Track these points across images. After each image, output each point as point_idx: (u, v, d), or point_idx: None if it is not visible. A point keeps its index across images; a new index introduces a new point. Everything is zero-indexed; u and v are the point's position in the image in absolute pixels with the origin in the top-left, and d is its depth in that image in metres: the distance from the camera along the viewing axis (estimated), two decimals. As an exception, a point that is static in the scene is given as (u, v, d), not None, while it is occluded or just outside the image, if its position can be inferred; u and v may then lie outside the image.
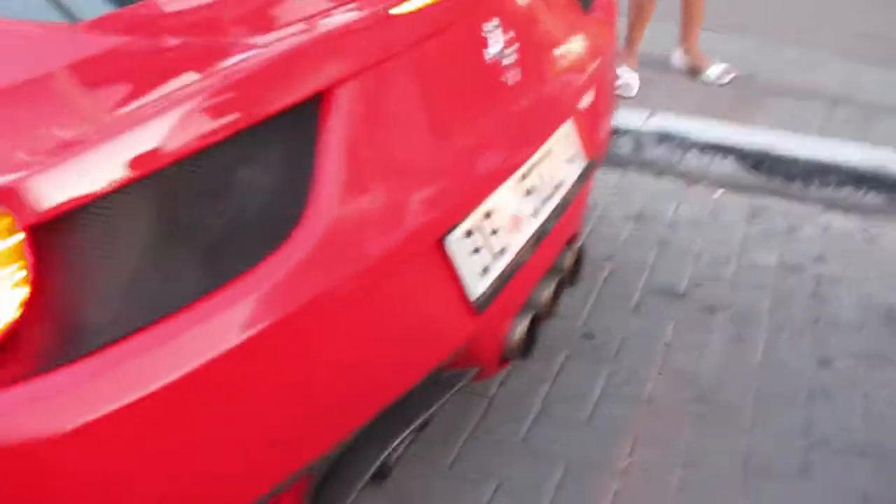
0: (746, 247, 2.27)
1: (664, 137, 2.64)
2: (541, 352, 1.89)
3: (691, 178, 2.61)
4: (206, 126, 0.85)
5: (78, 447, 0.77)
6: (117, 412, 0.78)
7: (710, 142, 2.58)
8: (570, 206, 1.53)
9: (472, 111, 1.26)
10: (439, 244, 1.16)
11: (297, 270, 0.93)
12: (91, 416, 0.76)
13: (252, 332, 0.87)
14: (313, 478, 1.13)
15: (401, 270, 1.09)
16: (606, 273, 2.17)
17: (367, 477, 1.18)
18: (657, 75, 3.17)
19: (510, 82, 1.33)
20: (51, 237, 0.76)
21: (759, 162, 2.53)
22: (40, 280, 0.76)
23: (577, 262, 1.62)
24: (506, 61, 1.32)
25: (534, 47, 1.41)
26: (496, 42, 1.30)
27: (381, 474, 1.27)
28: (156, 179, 0.81)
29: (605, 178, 2.66)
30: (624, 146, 2.70)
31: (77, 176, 0.75)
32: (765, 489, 1.52)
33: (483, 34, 1.27)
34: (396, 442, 1.22)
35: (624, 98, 2.91)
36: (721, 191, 2.54)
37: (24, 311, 0.76)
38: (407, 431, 1.24)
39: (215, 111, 0.86)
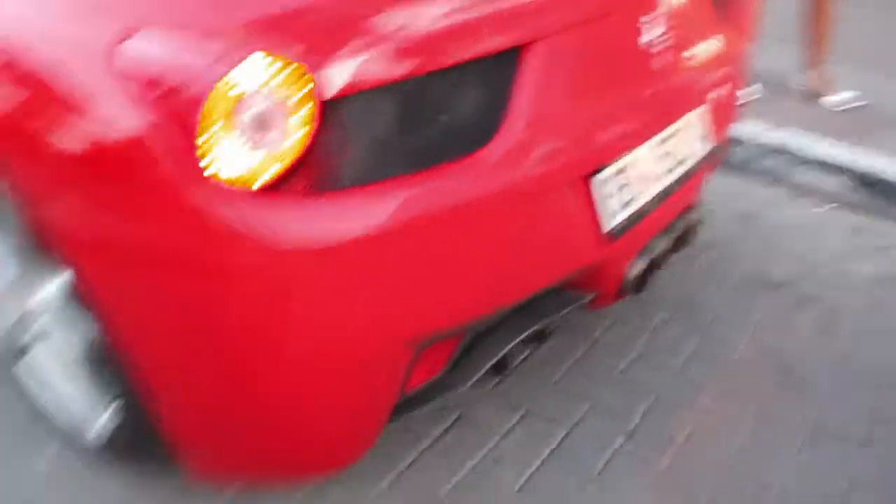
0: (844, 256, 2.45)
1: (780, 150, 2.83)
2: (643, 309, 2.15)
3: (801, 191, 2.80)
4: (452, 53, 1.17)
5: (342, 252, 1.10)
6: (369, 233, 1.10)
7: (822, 159, 2.76)
8: (692, 179, 1.78)
9: (625, 82, 1.52)
10: (586, 180, 1.44)
11: (489, 167, 1.23)
12: (350, 233, 1.09)
13: (456, 200, 1.18)
14: (460, 342, 1.42)
15: (556, 189, 1.38)
16: (710, 258, 2.40)
17: (494, 359, 1.47)
18: (780, 94, 3.36)
19: (656, 66, 1.59)
20: (338, 104, 1.08)
21: (868, 183, 2.69)
22: (321, 128, 1.08)
23: (691, 228, 1.86)
24: (654, 49, 1.58)
25: (677, 43, 1.67)
26: (649, 32, 1.57)
27: (503, 365, 1.56)
28: (413, 81, 1.13)
29: (720, 181, 2.88)
30: (742, 154, 2.91)
31: (369, 67, 1.08)
32: (826, 450, 1.73)
33: (640, 25, 1.54)
34: (522, 336, 1.50)
35: (746, 110, 3.13)
36: (829, 206, 2.72)
37: (308, 147, 1.08)
38: (532, 329, 1.52)
39: (462, 44, 1.19)
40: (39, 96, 1.16)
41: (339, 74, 1.07)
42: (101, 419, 1.51)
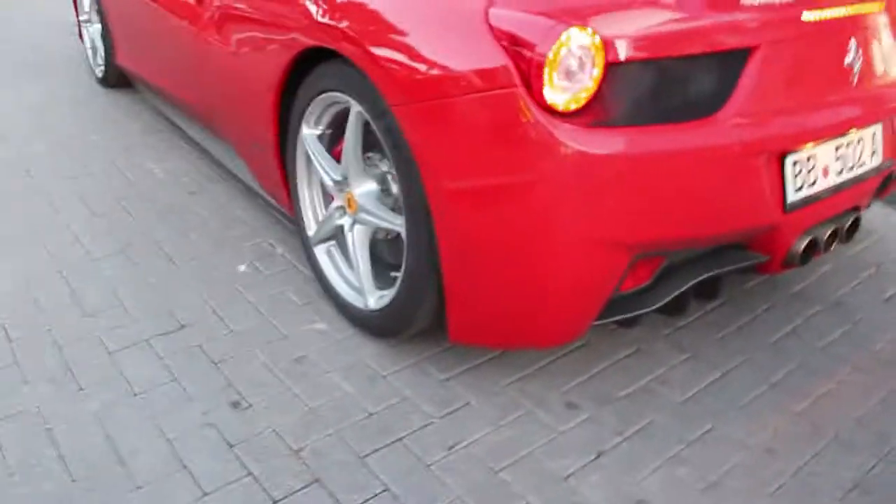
0: None
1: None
2: (803, 300, 2.56)
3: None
4: (701, 45, 1.77)
5: (606, 166, 1.70)
6: (636, 157, 1.71)
7: None
8: (861, 184, 2.18)
9: (822, 87, 2.01)
10: (780, 158, 1.93)
11: (719, 126, 1.80)
12: (620, 152, 1.70)
13: (692, 146, 1.76)
14: (661, 264, 1.96)
15: (757, 157, 1.87)
16: (872, 271, 2.77)
17: (684, 287, 1.98)
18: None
19: (849, 83, 2.06)
20: (620, 66, 1.70)
21: None
22: (605, 82, 1.69)
23: (855, 225, 2.26)
24: (854, 68, 2.06)
25: (870, 64, 2.12)
26: (851, 53, 2.05)
27: (681, 306, 2.08)
28: (672, 60, 1.75)
29: (890, 215, 3.21)
30: (917, 194, 3.22)
31: (650, 45, 1.70)
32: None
33: (846, 46, 2.04)
34: (708, 275, 2.01)
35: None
36: None
37: (599, 89, 1.69)
38: (716, 271, 2.02)
39: (708, 41, 1.78)
40: (421, 42, 1.83)
41: (622, 48, 1.69)
42: (381, 292, 2.17)
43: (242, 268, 2.62)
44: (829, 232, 2.13)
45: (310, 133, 2.34)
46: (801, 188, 1.99)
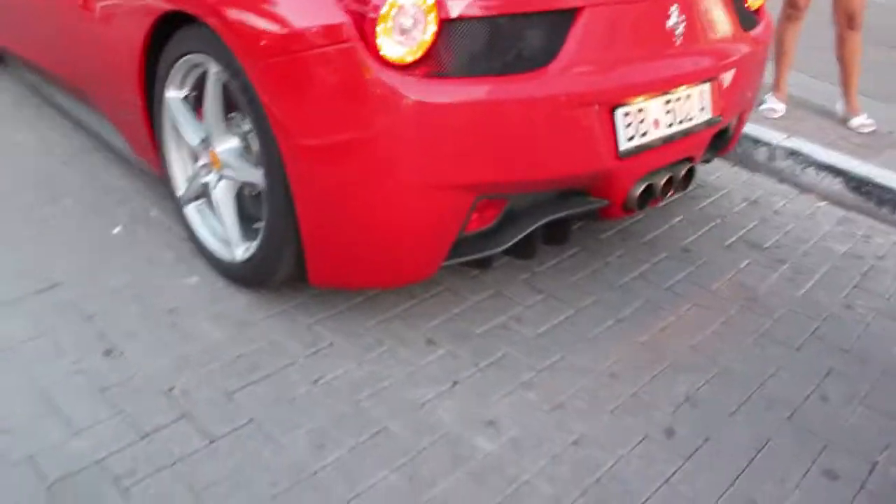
0: (825, 237, 3.03)
1: (792, 154, 3.42)
2: (650, 250, 2.78)
3: (804, 189, 3.38)
4: (531, 4, 1.94)
5: (444, 114, 1.85)
6: (470, 104, 1.87)
7: (827, 164, 3.34)
8: (692, 136, 2.39)
9: (648, 48, 2.20)
10: (611, 110, 2.12)
11: (549, 79, 1.97)
12: (455, 100, 1.85)
13: (524, 96, 1.93)
14: (504, 207, 2.12)
15: (587, 107, 2.06)
16: (717, 222, 3.02)
17: (522, 233, 2.14)
18: (808, 115, 3.95)
19: (674, 44, 2.26)
20: (453, 23, 1.85)
21: (860, 186, 3.26)
22: (440, 37, 1.83)
23: (689, 175, 2.48)
24: (676, 30, 2.25)
25: (695, 29, 2.33)
26: (673, 17, 2.24)
27: (529, 250, 2.26)
28: (503, 18, 1.90)
29: (737, 174, 3.49)
30: (760, 154, 3.51)
31: (481, 4, 1.85)
32: (771, 350, 2.34)
33: (668, 11, 2.22)
34: (544, 221, 2.18)
35: (769, 118, 3.77)
36: (825, 202, 3.30)
37: (434, 43, 1.83)
38: (556, 216, 2.20)
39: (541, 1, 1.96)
40: (268, 3, 1.94)
41: (455, 6, 1.85)
42: (248, 244, 2.27)
43: (117, 230, 2.65)
44: (664, 179, 2.34)
45: (174, 96, 2.41)
46: (632, 137, 2.19)
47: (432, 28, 1.83)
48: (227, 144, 2.30)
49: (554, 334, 2.28)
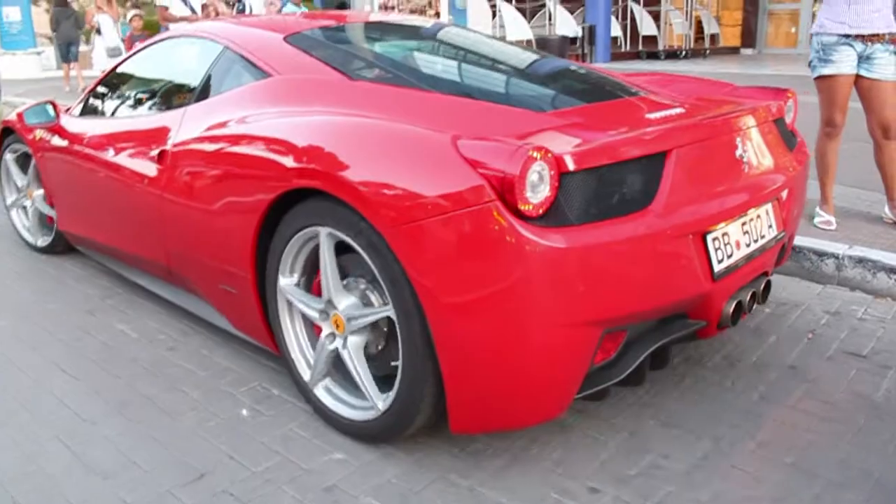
0: (917, 338, 3.12)
1: (860, 262, 3.56)
2: (755, 371, 2.84)
3: (879, 293, 3.50)
4: (628, 153, 2.18)
5: (571, 258, 2.03)
6: (595, 246, 2.06)
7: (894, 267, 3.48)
8: (766, 252, 2.61)
9: (723, 177, 2.46)
10: (703, 236, 2.32)
11: (653, 216, 2.19)
12: (582, 244, 2.04)
13: (636, 234, 2.13)
14: (623, 338, 2.27)
15: (685, 237, 2.26)
16: (809, 337, 3.10)
17: (637, 361, 2.27)
18: (859, 223, 4.13)
19: (743, 169, 2.52)
20: (573, 179, 2.07)
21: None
22: (561, 190, 2.05)
23: (767, 288, 2.67)
24: (743, 159, 2.52)
25: (755, 155, 2.60)
26: (739, 147, 2.52)
27: (637, 379, 2.37)
28: (607, 167, 2.14)
29: (809, 287, 3.61)
30: (827, 266, 3.64)
31: (591, 157, 2.10)
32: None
33: (735, 142, 2.52)
34: (661, 342, 2.34)
35: (826, 231, 3.94)
36: (902, 304, 3.40)
37: (556, 195, 2.04)
38: (668, 338, 2.36)
39: (632, 149, 2.21)
40: (402, 175, 2.15)
41: (569, 161, 2.06)
42: (386, 395, 2.36)
43: (244, 412, 2.70)
44: (749, 294, 2.51)
45: (287, 283, 2.61)
46: (722, 260, 2.38)
47: (554, 182, 2.03)
48: (348, 301, 2.44)
49: (704, 467, 2.31)
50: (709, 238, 2.32)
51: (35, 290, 4.02)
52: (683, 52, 18.34)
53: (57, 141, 4.07)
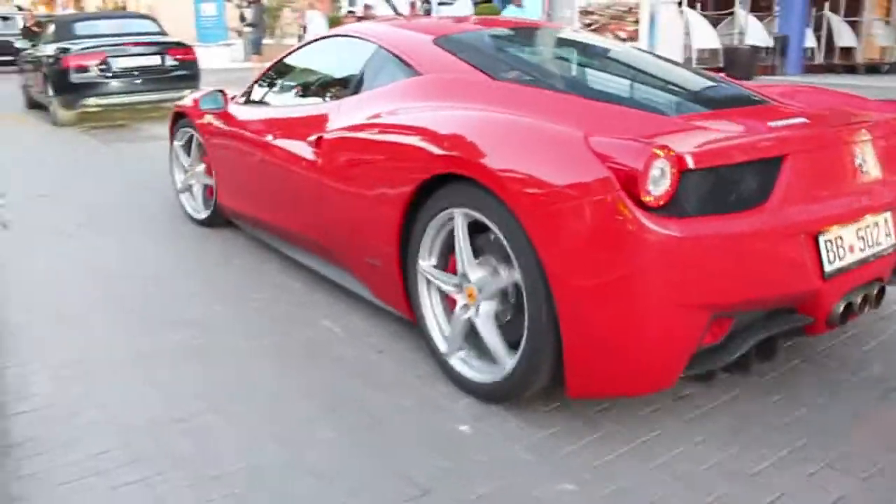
0: None
1: None
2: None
3: None
4: (746, 155, 2.35)
5: (686, 246, 2.22)
6: (707, 237, 2.24)
7: None
8: (882, 259, 2.67)
9: (841, 184, 2.57)
10: (815, 237, 2.44)
11: (765, 214, 2.34)
12: (695, 234, 2.23)
13: (747, 229, 2.30)
14: (731, 325, 2.39)
15: (797, 236, 2.40)
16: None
17: (745, 348, 2.39)
18: None
19: (862, 178, 2.60)
20: (692, 176, 2.26)
21: None
22: (680, 184, 2.23)
23: (881, 293, 2.70)
24: (862, 168, 2.61)
25: (876, 166, 2.67)
26: (859, 157, 2.61)
27: (745, 367, 2.47)
28: (726, 167, 2.32)
29: None
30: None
31: (708, 157, 2.28)
32: None
33: (854, 152, 2.61)
34: (769, 333, 2.44)
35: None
36: None
37: (676, 189, 2.23)
38: (776, 330, 2.46)
39: (751, 152, 2.38)
40: (538, 164, 2.39)
41: (689, 160, 2.23)
42: (513, 357, 2.55)
43: (464, 428, 2.55)
44: (860, 297, 2.57)
45: (425, 265, 2.88)
46: (833, 261, 2.48)
47: (675, 178, 2.21)
48: (479, 274, 2.68)
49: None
50: (821, 239, 2.44)
51: (239, 279, 4.08)
52: (886, 67, 16.92)
53: (223, 125, 4.50)
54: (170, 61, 10.36)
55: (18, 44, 13.40)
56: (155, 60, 10.26)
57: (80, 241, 4.88)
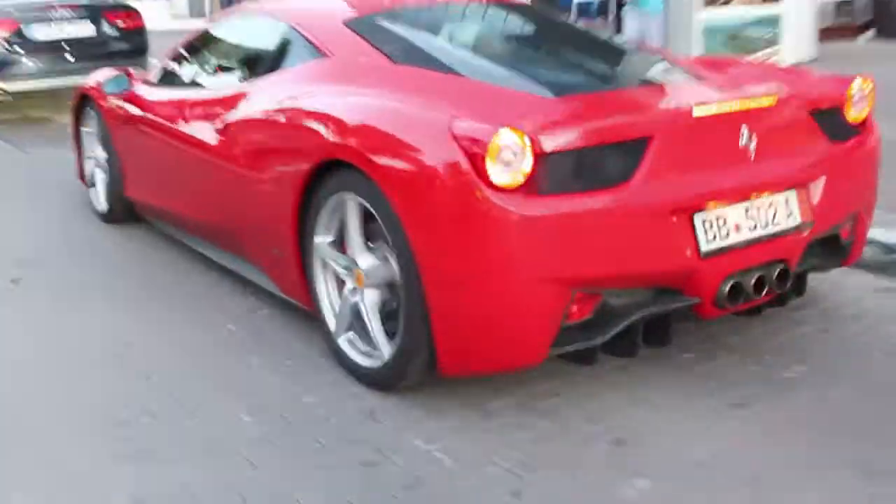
0: None
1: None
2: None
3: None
4: (606, 137, 2.53)
5: (539, 223, 2.44)
6: (556, 215, 2.44)
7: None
8: (781, 240, 2.75)
9: (721, 163, 2.67)
10: (690, 216, 2.57)
11: (625, 193, 2.50)
12: (549, 213, 2.43)
13: (602, 207, 2.47)
14: (599, 301, 2.56)
15: (664, 215, 2.54)
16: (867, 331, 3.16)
17: (620, 326, 2.55)
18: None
19: (750, 156, 2.70)
20: (547, 157, 2.44)
21: None
22: (538, 168, 2.43)
23: (783, 277, 2.76)
24: (749, 146, 2.70)
25: (769, 144, 2.74)
26: (744, 135, 2.70)
27: (628, 351, 2.66)
28: (586, 149, 2.52)
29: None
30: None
31: (562, 138, 2.47)
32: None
33: (739, 130, 2.69)
34: (640, 316, 2.58)
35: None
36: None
37: (531, 173, 2.41)
38: (644, 313, 2.60)
39: (613, 133, 2.57)
40: (408, 150, 2.57)
41: (546, 142, 2.41)
42: (390, 344, 2.74)
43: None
44: (753, 279, 2.66)
45: (321, 241, 2.99)
46: (713, 239, 2.60)
47: (530, 160, 2.37)
48: (368, 261, 2.84)
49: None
50: (697, 218, 2.57)
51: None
52: None
53: (130, 109, 4.42)
54: (108, 30, 8.01)
55: None
56: (88, 30, 7.85)
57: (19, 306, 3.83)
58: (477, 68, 3.22)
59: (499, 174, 2.37)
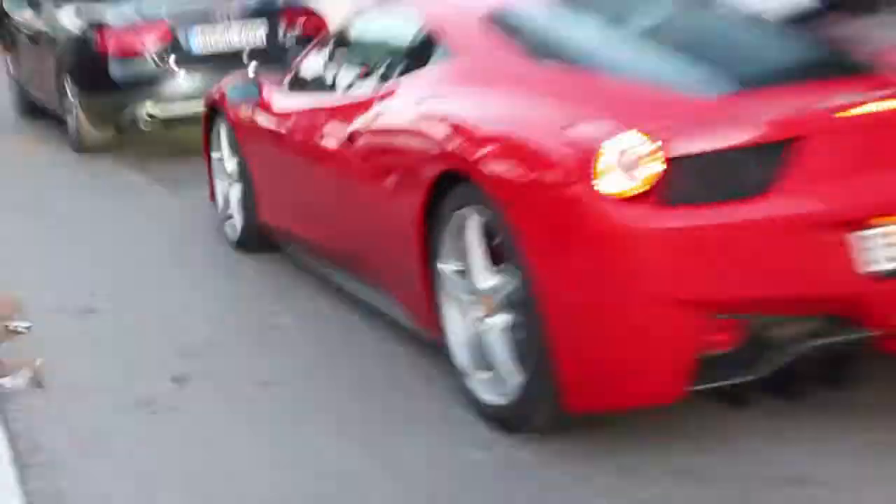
0: None
1: None
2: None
3: None
4: (736, 139, 2.29)
5: (669, 238, 2.26)
6: (688, 229, 2.26)
7: None
8: None
9: (880, 174, 2.32)
10: (850, 233, 2.22)
11: (764, 206, 2.23)
12: (673, 227, 2.24)
13: (740, 219, 2.23)
14: (745, 329, 2.26)
15: (817, 230, 2.25)
16: None
17: (777, 362, 2.26)
18: None
19: None
20: (677, 161, 2.26)
21: None
22: (665, 172, 2.24)
23: None
24: None
25: None
26: None
27: (797, 389, 2.39)
28: (716, 153, 2.27)
29: None
30: None
31: (696, 143, 2.27)
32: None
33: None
34: (801, 349, 2.29)
35: None
36: None
37: (658, 181, 2.27)
38: (805, 347, 2.30)
39: (743, 136, 2.29)
40: (523, 158, 2.45)
41: (676, 147, 2.22)
42: (518, 375, 2.56)
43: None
44: None
45: (446, 267, 2.85)
46: (884, 261, 2.25)
47: (654, 166, 2.19)
48: (491, 283, 2.68)
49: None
50: (861, 234, 2.23)
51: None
52: None
53: (260, 119, 4.17)
54: (285, 35, 6.18)
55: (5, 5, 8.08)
56: (260, 36, 6.14)
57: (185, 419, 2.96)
58: (619, 63, 2.94)
59: (616, 183, 2.22)
